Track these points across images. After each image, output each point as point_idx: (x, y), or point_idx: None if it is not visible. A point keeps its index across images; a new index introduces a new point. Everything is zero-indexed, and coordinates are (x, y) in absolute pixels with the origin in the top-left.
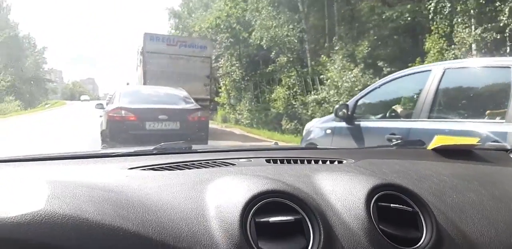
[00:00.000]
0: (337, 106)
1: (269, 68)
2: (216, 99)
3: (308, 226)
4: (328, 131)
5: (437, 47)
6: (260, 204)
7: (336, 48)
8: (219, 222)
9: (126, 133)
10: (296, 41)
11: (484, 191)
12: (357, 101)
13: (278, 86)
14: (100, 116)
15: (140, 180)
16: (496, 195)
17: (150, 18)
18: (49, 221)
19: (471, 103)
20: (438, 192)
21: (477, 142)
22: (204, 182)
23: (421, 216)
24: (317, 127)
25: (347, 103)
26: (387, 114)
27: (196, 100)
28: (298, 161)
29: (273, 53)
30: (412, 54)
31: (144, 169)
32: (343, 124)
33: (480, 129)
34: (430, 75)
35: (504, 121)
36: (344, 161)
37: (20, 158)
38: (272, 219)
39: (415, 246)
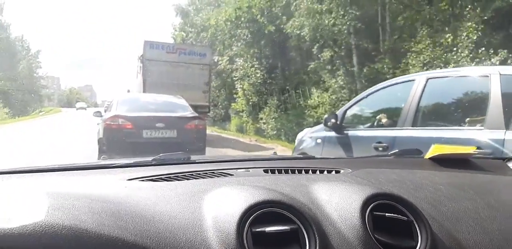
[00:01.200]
0: (326, 116)
1: (310, 66)
2: (233, 105)
3: (304, 236)
4: (319, 141)
5: None
6: (257, 214)
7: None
8: (216, 232)
9: (122, 142)
10: (346, 31)
11: (479, 200)
12: (345, 110)
13: (316, 90)
14: (98, 124)
15: (138, 191)
16: (491, 204)
17: (153, 21)
18: (50, 232)
19: (453, 111)
20: (433, 201)
21: (474, 151)
22: (201, 193)
23: (416, 225)
24: (308, 137)
25: (336, 112)
26: (375, 123)
27: (195, 107)
28: (296, 171)
29: (315, 48)
30: None
31: (143, 180)
32: (332, 133)
33: (460, 136)
34: (414, 85)
35: (483, 128)
36: (341, 171)
37: (20, 170)
38: (268, 229)
39: None
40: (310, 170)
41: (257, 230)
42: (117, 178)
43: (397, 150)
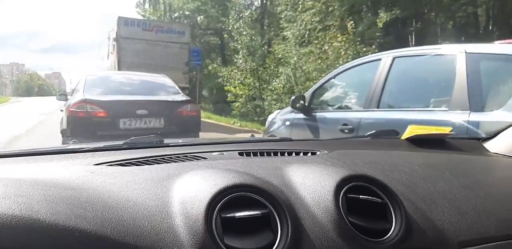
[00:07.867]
0: (293, 97)
1: None
2: None
3: (276, 220)
4: (287, 123)
5: None
6: (227, 199)
7: None
8: (184, 218)
9: (93, 135)
10: None
11: (455, 181)
12: (313, 92)
13: None
14: (61, 111)
15: (104, 176)
16: (467, 184)
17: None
18: None
19: (419, 92)
20: (408, 182)
21: (450, 131)
22: (171, 178)
23: (390, 207)
24: (278, 119)
25: (304, 94)
26: (343, 104)
27: None
28: (272, 153)
29: None
30: None
31: (111, 165)
32: (301, 115)
33: (425, 117)
34: (380, 64)
35: (447, 109)
36: (318, 152)
37: None
38: (238, 214)
39: (385, 237)
40: (286, 152)
41: (227, 215)
42: (83, 163)
43: (374, 131)
